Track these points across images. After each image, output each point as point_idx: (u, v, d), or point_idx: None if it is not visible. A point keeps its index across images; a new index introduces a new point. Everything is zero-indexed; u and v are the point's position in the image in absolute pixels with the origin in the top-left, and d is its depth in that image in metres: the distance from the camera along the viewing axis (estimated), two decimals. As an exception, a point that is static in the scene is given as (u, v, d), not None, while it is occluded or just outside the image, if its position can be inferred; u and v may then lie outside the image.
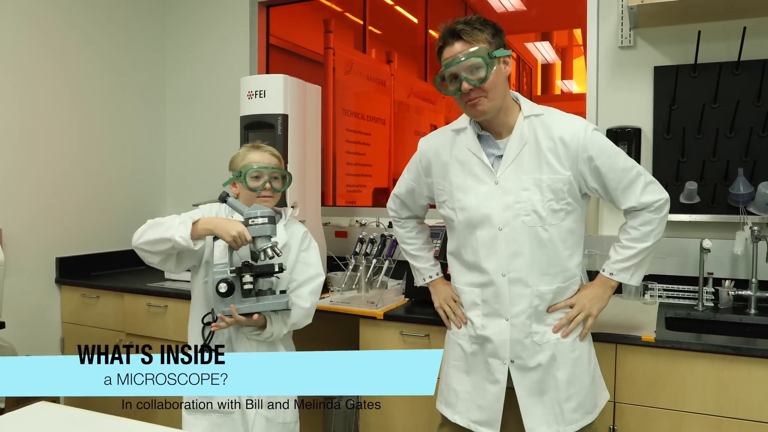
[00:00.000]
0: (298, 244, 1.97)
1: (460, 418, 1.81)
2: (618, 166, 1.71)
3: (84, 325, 3.04)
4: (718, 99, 2.42)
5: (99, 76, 3.31)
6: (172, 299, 2.75)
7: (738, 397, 1.84)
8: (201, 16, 3.64)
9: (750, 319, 2.25)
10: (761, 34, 2.36)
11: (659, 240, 1.76)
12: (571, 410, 1.72)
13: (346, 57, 4.27)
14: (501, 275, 1.71)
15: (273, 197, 1.93)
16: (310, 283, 1.95)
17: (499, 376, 1.74)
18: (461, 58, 1.59)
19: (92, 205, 3.28)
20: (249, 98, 2.58)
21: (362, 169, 4.55)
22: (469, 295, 1.80)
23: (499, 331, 1.73)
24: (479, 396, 1.78)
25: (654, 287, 2.44)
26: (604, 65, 2.66)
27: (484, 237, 1.72)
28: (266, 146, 1.97)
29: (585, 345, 1.78)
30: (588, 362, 1.78)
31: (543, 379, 1.72)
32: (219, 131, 3.55)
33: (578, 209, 1.74)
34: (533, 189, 1.67)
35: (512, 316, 1.71)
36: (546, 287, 1.71)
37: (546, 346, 1.72)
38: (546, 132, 1.69)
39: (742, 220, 2.36)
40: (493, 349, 1.74)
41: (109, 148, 3.38)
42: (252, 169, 1.87)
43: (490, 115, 1.68)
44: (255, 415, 1.86)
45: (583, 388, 1.74)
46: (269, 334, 1.84)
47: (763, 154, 2.37)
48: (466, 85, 1.60)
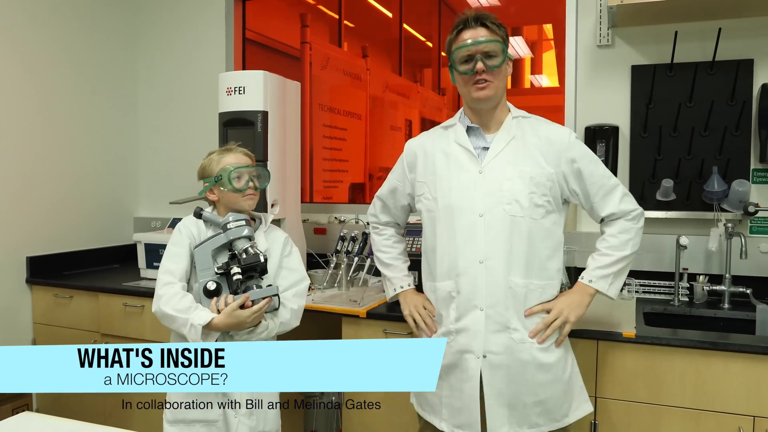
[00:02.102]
0: (280, 251, 1.98)
1: (446, 424, 1.81)
2: (598, 172, 1.78)
3: (56, 326, 2.97)
4: (693, 98, 2.47)
5: (65, 74, 3.21)
6: (149, 299, 2.67)
7: (714, 391, 1.88)
8: (175, 10, 3.57)
9: (724, 313, 2.31)
10: (735, 35, 2.42)
11: (635, 252, 1.80)
12: (535, 414, 1.73)
13: (322, 52, 4.24)
14: (478, 262, 1.72)
15: (256, 195, 1.95)
16: (294, 286, 1.96)
17: (472, 372, 1.74)
18: (484, 40, 1.69)
19: (63, 202, 3.20)
20: (228, 94, 2.54)
21: (338, 165, 4.54)
22: (445, 288, 1.80)
23: (473, 322, 1.73)
24: (456, 399, 1.78)
25: (631, 283, 2.49)
26: (583, 63, 2.69)
27: (464, 224, 1.74)
28: (237, 147, 1.99)
29: (561, 352, 1.77)
30: (563, 370, 1.77)
31: (512, 380, 1.72)
32: (196, 128, 3.50)
33: (557, 212, 1.77)
34: (516, 180, 1.71)
35: (487, 306, 1.72)
36: (521, 279, 1.72)
37: (522, 347, 1.72)
38: (533, 131, 1.77)
39: (716, 217, 2.42)
40: (467, 342, 1.74)
41: (77, 145, 3.29)
42: (233, 171, 1.88)
43: (490, 103, 1.75)
44: (238, 425, 1.84)
45: (553, 395, 1.75)
46: (263, 329, 1.84)
47: (736, 152, 2.43)
48: (480, 65, 1.68)
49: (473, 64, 1.70)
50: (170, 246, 1.91)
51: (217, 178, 1.89)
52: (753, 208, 2.30)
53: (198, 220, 1.94)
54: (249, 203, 1.92)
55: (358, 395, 2.32)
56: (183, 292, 1.82)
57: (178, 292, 1.82)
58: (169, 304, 1.78)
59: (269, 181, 2.05)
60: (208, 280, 1.79)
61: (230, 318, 1.75)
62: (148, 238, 2.96)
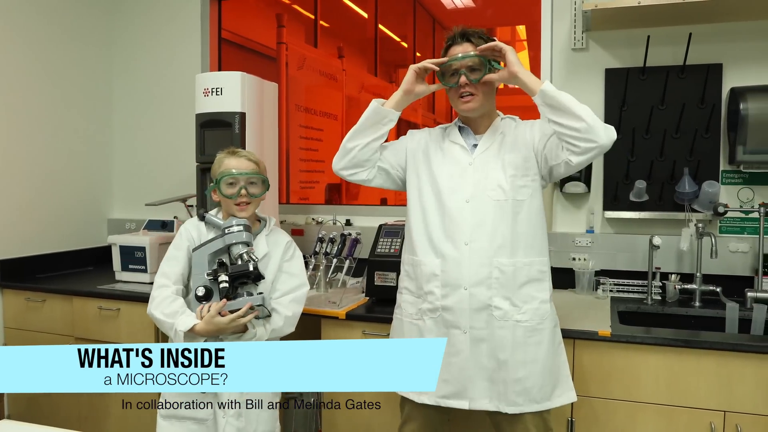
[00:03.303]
0: (281, 254, 1.99)
1: (427, 397, 1.84)
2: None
3: (29, 330, 2.90)
4: (665, 101, 2.52)
5: (37, 74, 3.14)
6: (124, 302, 2.67)
7: (687, 387, 1.94)
8: (150, 10, 3.52)
9: (695, 311, 2.37)
10: (705, 40, 2.48)
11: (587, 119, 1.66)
12: (514, 393, 1.77)
13: (298, 52, 4.23)
14: (464, 244, 1.79)
15: (251, 203, 1.93)
16: (292, 292, 1.97)
17: (460, 346, 1.79)
18: (461, 57, 1.77)
19: (34, 204, 3.14)
20: (205, 96, 2.52)
21: (315, 165, 4.53)
22: (429, 267, 1.84)
23: (458, 300, 1.78)
24: (444, 370, 1.77)
25: (606, 282, 2.54)
26: (558, 66, 2.73)
27: (452, 208, 1.81)
28: (243, 151, 2.00)
29: (547, 335, 1.81)
30: (546, 352, 1.80)
31: (493, 355, 1.77)
32: (172, 129, 3.46)
33: (540, 190, 1.84)
34: (499, 169, 1.81)
35: (471, 285, 1.77)
36: (506, 259, 1.77)
37: (505, 324, 1.77)
38: (518, 127, 1.88)
39: (687, 218, 2.48)
40: (453, 319, 1.79)
41: (49, 146, 3.22)
42: (226, 176, 1.89)
43: (476, 113, 1.86)
44: (225, 425, 1.86)
45: (533, 375, 1.78)
46: (251, 335, 1.86)
47: (706, 154, 2.49)
48: (463, 79, 1.78)
49: (458, 78, 1.79)
50: (170, 248, 1.96)
51: (215, 181, 1.91)
52: (722, 208, 2.37)
53: (200, 223, 1.96)
54: (241, 213, 1.90)
55: (339, 396, 2.32)
56: (173, 296, 1.87)
57: (168, 296, 1.86)
58: (159, 308, 1.84)
59: (267, 190, 1.99)
60: (198, 285, 1.83)
61: (210, 325, 1.78)
62: (123, 240, 2.92)
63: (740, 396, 1.89)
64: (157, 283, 1.91)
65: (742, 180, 2.50)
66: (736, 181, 2.51)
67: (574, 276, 2.60)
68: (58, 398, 2.81)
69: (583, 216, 2.70)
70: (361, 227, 2.87)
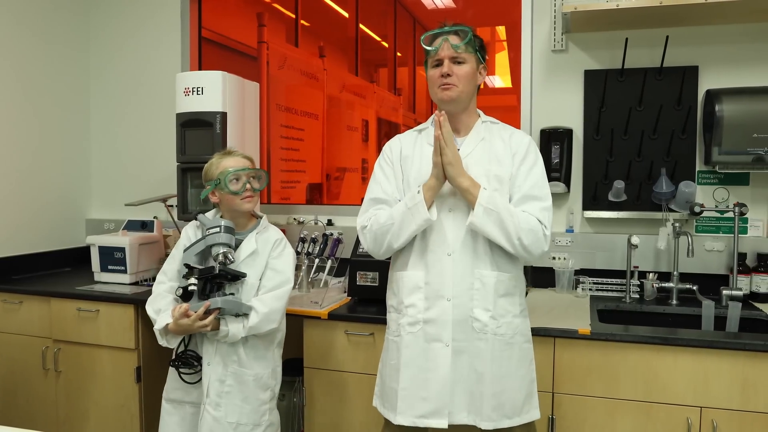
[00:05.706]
0: (268, 251, 2.03)
1: (403, 417, 1.80)
2: (533, 179, 1.81)
3: (5, 332, 2.85)
4: (643, 102, 2.56)
5: (11, 73, 3.09)
6: (104, 303, 2.63)
7: (665, 384, 1.97)
8: (129, 8, 3.48)
9: (672, 309, 2.41)
10: (682, 43, 2.52)
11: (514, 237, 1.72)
12: (490, 408, 1.77)
13: (279, 51, 4.21)
14: (446, 255, 1.78)
15: (254, 196, 2.02)
16: (274, 289, 2.00)
17: (441, 361, 1.77)
18: (450, 44, 1.78)
19: (9, 203, 3.08)
20: (185, 95, 2.51)
21: (296, 165, 4.51)
22: (412, 279, 1.83)
23: (441, 312, 1.78)
24: (421, 388, 1.79)
25: (585, 281, 2.57)
26: (538, 68, 2.75)
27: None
28: (237, 151, 2.09)
29: (516, 351, 1.81)
30: (519, 367, 1.81)
31: (473, 367, 1.77)
32: (152, 129, 3.42)
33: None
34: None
35: (453, 296, 1.77)
36: (488, 271, 1.78)
37: (483, 336, 1.76)
38: (498, 134, 1.87)
39: (664, 217, 2.52)
40: (435, 332, 1.78)
41: (25, 145, 3.17)
42: (230, 173, 1.96)
43: (455, 105, 1.82)
44: (203, 413, 1.95)
45: (506, 390, 1.78)
46: (224, 334, 1.92)
47: (683, 154, 2.54)
48: (446, 68, 1.77)
49: (441, 67, 1.79)
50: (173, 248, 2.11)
51: (217, 182, 1.96)
52: (698, 208, 2.41)
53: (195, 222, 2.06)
54: (247, 206, 2.00)
55: (322, 396, 2.33)
56: (164, 293, 2.02)
57: (160, 293, 2.02)
58: (151, 305, 2.01)
59: (267, 182, 2.11)
60: (179, 286, 1.94)
61: (176, 326, 1.89)
62: (102, 241, 2.88)
63: (716, 392, 1.93)
64: (156, 281, 2.07)
65: (717, 180, 2.55)
66: (711, 181, 2.56)
67: (554, 275, 2.64)
68: (35, 402, 2.77)
69: (563, 216, 2.74)
70: (342, 227, 2.88)
